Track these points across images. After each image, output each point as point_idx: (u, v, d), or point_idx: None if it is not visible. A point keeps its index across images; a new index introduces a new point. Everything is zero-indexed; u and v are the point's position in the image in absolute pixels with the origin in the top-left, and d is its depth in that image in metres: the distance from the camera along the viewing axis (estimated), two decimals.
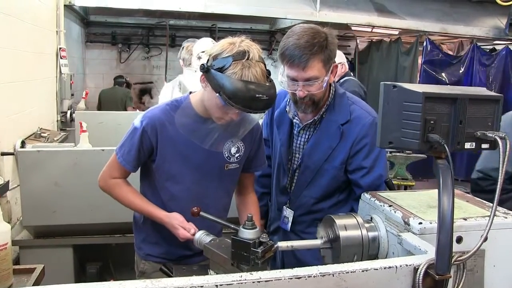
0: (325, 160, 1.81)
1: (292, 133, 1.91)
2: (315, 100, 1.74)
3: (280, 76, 1.72)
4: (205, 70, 1.49)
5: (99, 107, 6.58)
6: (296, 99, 1.74)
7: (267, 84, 1.49)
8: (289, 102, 1.89)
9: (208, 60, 1.53)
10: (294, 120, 1.88)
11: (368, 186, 1.74)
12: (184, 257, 1.78)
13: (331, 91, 1.82)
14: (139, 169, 1.77)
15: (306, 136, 1.87)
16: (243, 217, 1.67)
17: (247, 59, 1.46)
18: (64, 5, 5.03)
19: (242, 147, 1.75)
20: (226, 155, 1.72)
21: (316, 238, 1.39)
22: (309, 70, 1.63)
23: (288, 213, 1.93)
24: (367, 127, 1.75)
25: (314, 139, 1.84)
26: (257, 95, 1.43)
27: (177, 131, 1.65)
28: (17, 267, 1.70)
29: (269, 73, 1.54)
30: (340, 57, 3.42)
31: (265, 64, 1.53)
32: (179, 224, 1.62)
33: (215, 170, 1.72)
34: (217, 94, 1.45)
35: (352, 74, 4.21)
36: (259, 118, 1.65)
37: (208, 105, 1.60)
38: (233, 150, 1.73)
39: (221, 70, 1.45)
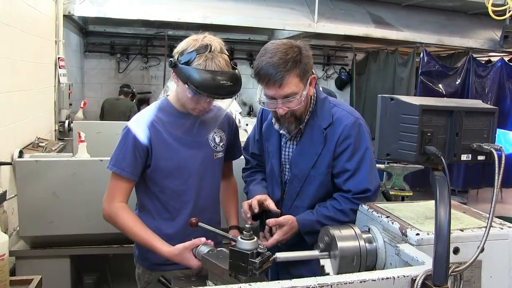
0: (312, 167, 1.79)
1: (281, 145, 1.90)
2: (297, 116, 1.74)
3: (259, 96, 1.72)
4: (173, 65, 1.64)
5: (102, 116, 6.54)
6: (278, 116, 1.74)
7: (231, 72, 1.64)
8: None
9: (177, 57, 1.65)
10: (281, 131, 1.86)
11: (352, 190, 1.72)
12: None
13: (313, 97, 1.81)
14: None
15: (293, 146, 1.86)
16: (223, 200, 1.98)
17: (210, 51, 1.60)
18: (64, 15, 5.06)
19: (224, 136, 1.88)
20: (212, 144, 1.84)
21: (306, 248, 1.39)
22: (286, 87, 1.63)
23: None
24: (350, 127, 1.73)
25: (299, 147, 1.83)
26: (221, 82, 1.58)
27: (165, 129, 1.75)
28: (14, 278, 1.69)
29: (235, 64, 1.69)
30: None
31: (229, 56, 1.68)
32: (188, 247, 1.60)
33: (206, 160, 1.82)
34: (186, 85, 1.59)
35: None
36: (229, 105, 1.83)
37: (181, 98, 1.73)
38: (217, 139, 1.86)
39: (187, 64, 1.60)
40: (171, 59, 1.65)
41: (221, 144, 1.86)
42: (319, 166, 1.78)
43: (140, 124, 1.72)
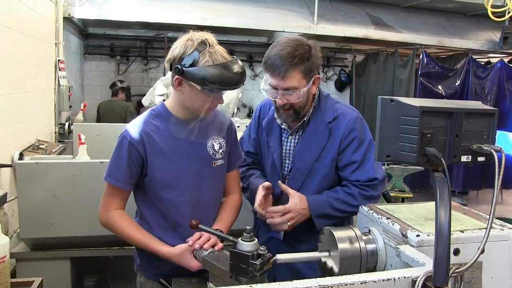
0: (316, 160, 1.85)
1: (282, 139, 1.95)
2: (295, 109, 1.81)
3: (263, 84, 1.80)
4: (181, 71, 1.55)
5: (98, 120, 6.50)
6: (278, 106, 1.82)
7: (234, 58, 1.61)
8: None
9: (176, 64, 1.58)
10: (283, 126, 1.93)
11: (360, 180, 1.78)
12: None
13: (316, 94, 1.89)
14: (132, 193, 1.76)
15: (295, 140, 1.92)
16: (219, 213, 1.82)
17: (209, 46, 1.57)
18: (64, 18, 5.06)
19: (223, 142, 1.81)
20: (211, 152, 1.76)
21: (310, 246, 1.40)
22: (288, 80, 1.72)
23: None
24: (353, 121, 1.83)
25: (303, 141, 1.89)
26: (235, 70, 1.56)
27: (161, 139, 1.68)
28: (15, 280, 1.69)
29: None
30: None
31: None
32: (190, 248, 1.60)
33: (204, 168, 1.75)
34: (203, 86, 1.54)
35: None
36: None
37: (191, 104, 1.66)
38: (216, 146, 1.78)
39: (193, 65, 1.54)
40: (177, 66, 1.56)
41: (220, 151, 1.78)
42: (323, 158, 1.84)
43: (134, 134, 1.66)
